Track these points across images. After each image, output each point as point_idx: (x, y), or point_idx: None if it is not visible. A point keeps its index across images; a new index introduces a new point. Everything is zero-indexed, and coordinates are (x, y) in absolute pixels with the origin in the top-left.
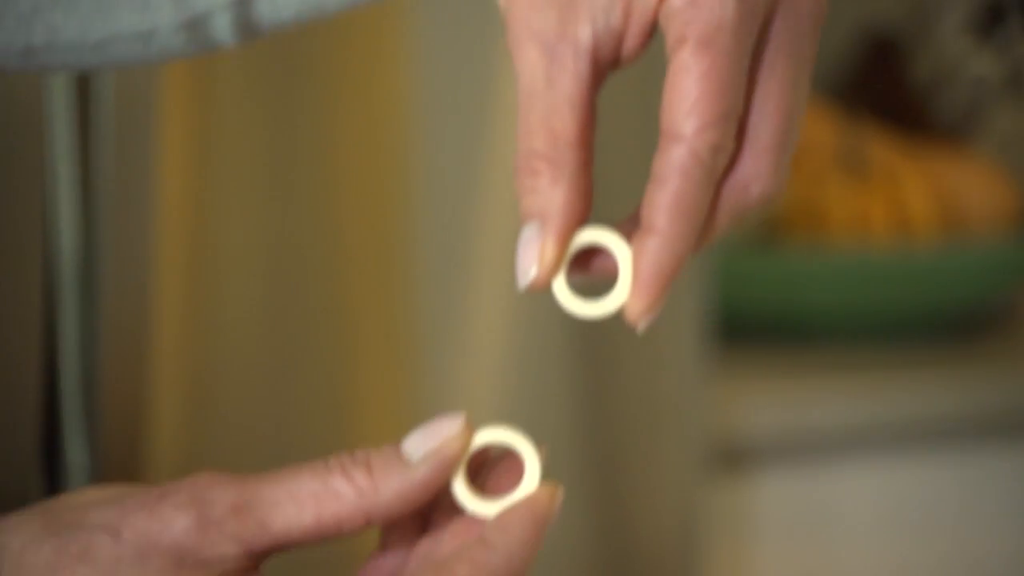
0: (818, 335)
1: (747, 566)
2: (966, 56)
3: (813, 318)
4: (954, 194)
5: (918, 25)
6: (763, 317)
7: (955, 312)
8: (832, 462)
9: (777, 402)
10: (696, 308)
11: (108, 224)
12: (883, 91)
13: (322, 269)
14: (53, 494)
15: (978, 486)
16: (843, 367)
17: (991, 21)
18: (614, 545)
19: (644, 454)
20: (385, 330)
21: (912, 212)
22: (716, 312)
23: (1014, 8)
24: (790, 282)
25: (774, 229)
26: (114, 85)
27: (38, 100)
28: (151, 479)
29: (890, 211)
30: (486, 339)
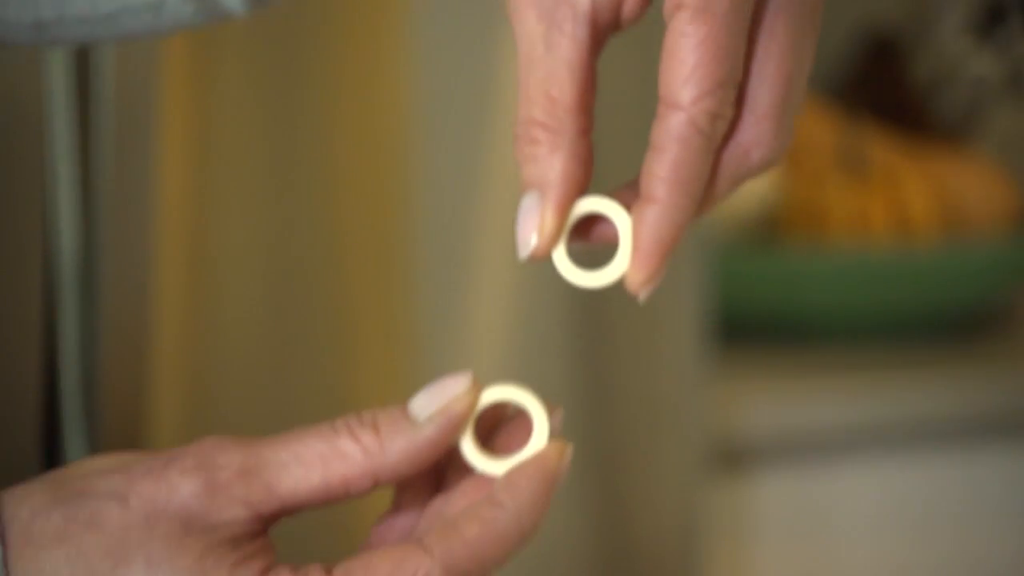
0: (818, 335)
1: (747, 566)
2: (966, 56)
3: (813, 318)
4: (954, 194)
5: (918, 25)
6: (763, 317)
7: (955, 312)
8: (832, 462)
9: (777, 402)
10: (696, 308)
11: (108, 224)
12: (883, 91)
13: (322, 268)
14: None
15: (978, 486)
16: (843, 367)
17: (991, 21)
18: (614, 545)
19: (644, 454)
20: (385, 329)
21: (912, 212)
22: (716, 312)
23: (1014, 8)
24: (790, 282)
25: (774, 229)
26: (114, 85)
27: (38, 100)
28: None
29: (890, 211)
30: (485, 338)
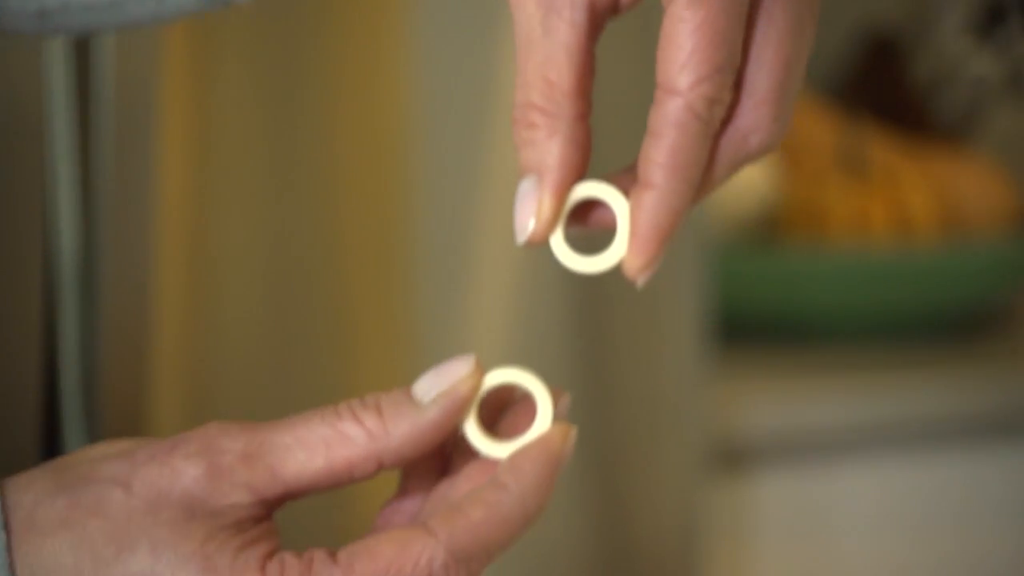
0: (818, 335)
1: (747, 566)
2: (966, 56)
3: (813, 318)
4: (954, 194)
5: (918, 25)
6: (763, 317)
7: (955, 312)
8: (832, 462)
9: (777, 402)
10: (696, 308)
11: (108, 224)
12: (883, 91)
13: (322, 268)
14: None
15: (978, 486)
16: (843, 367)
17: (991, 21)
18: (614, 545)
19: (644, 454)
20: (385, 330)
21: (912, 212)
22: (716, 312)
23: (1014, 8)
24: (790, 282)
25: (774, 229)
26: (114, 85)
27: (38, 100)
28: None
29: (890, 211)
30: (485, 338)
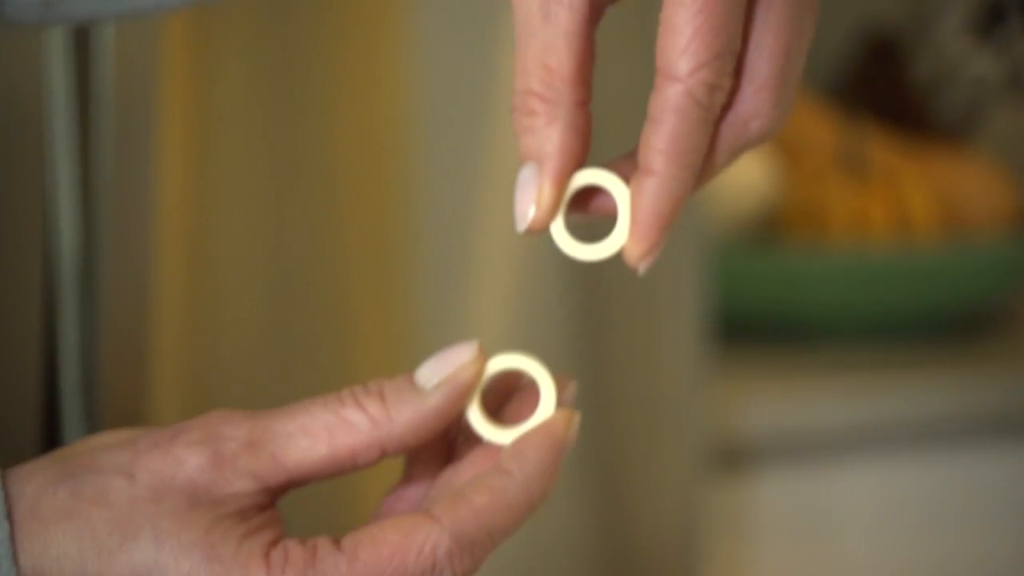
0: (818, 335)
1: (747, 566)
2: (966, 56)
3: (813, 318)
4: (954, 194)
5: (918, 25)
6: (763, 317)
7: (955, 312)
8: (832, 462)
9: (777, 402)
10: (696, 308)
11: (108, 224)
12: (883, 91)
13: (322, 269)
14: None
15: (978, 486)
16: (843, 367)
17: (991, 21)
18: (614, 545)
19: (644, 454)
20: (385, 330)
21: (912, 212)
22: (716, 312)
23: (1014, 8)
24: (790, 282)
25: (774, 229)
26: (114, 85)
27: (38, 100)
28: None
29: (890, 211)
30: (485, 338)
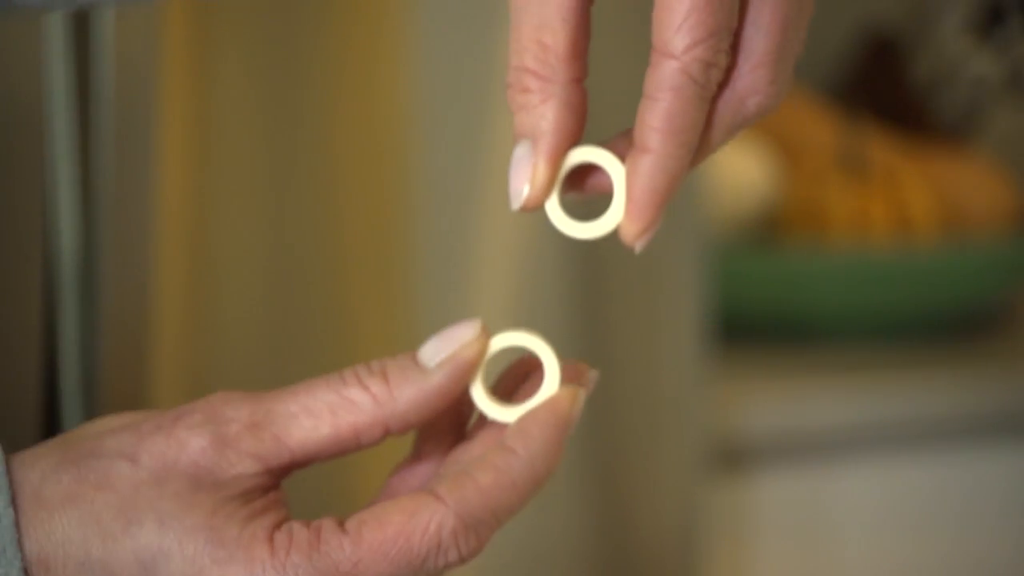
0: (818, 335)
1: (747, 566)
2: (966, 56)
3: (813, 318)
4: (954, 194)
5: (918, 25)
6: (763, 317)
7: (955, 312)
8: (832, 462)
9: (777, 402)
10: (696, 308)
11: (108, 224)
12: (883, 91)
13: (322, 269)
14: None
15: (978, 486)
16: (843, 367)
17: (991, 21)
18: (614, 545)
19: (644, 454)
20: (385, 329)
21: (912, 212)
22: (716, 312)
23: (1014, 8)
24: (790, 282)
25: (774, 229)
26: (114, 85)
27: (38, 100)
28: None
29: (890, 211)
30: None
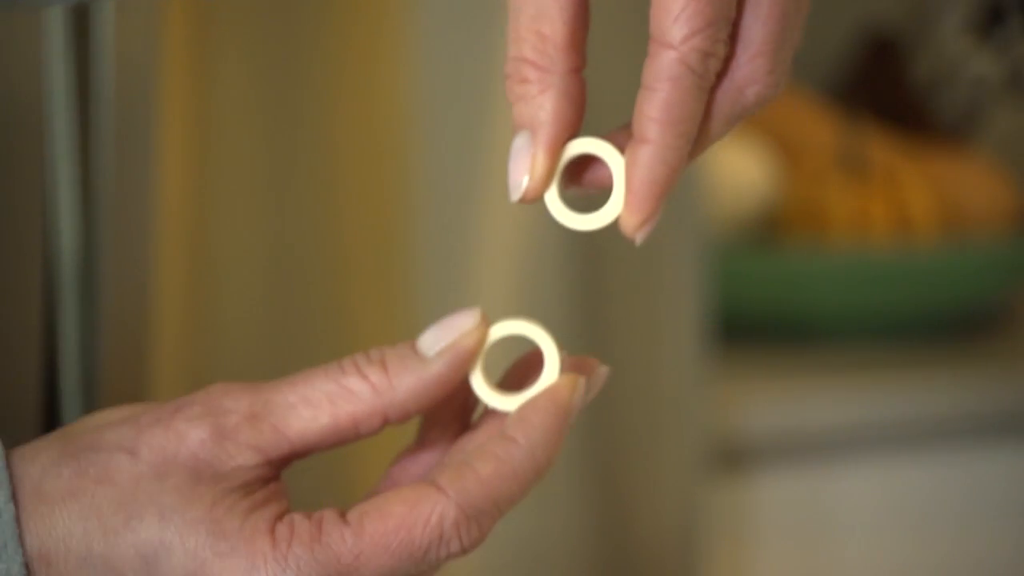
0: (818, 335)
1: (747, 566)
2: (966, 56)
3: (813, 318)
4: (954, 194)
5: (918, 25)
6: (763, 317)
7: (955, 312)
8: (832, 462)
9: (777, 402)
10: (696, 308)
11: (108, 224)
12: (883, 91)
13: (322, 269)
14: None
15: (978, 486)
16: (843, 367)
17: (991, 21)
18: (614, 545)
19: (644, 454)
20: (385, 330)
21: (912, 212)
22: (716, 312)
23: (1014, 8)
24: (790, 282)
25: (774, 229)
26: (114, 85)
27: (38, 100)
28: None
29: (890, 211)
30: None
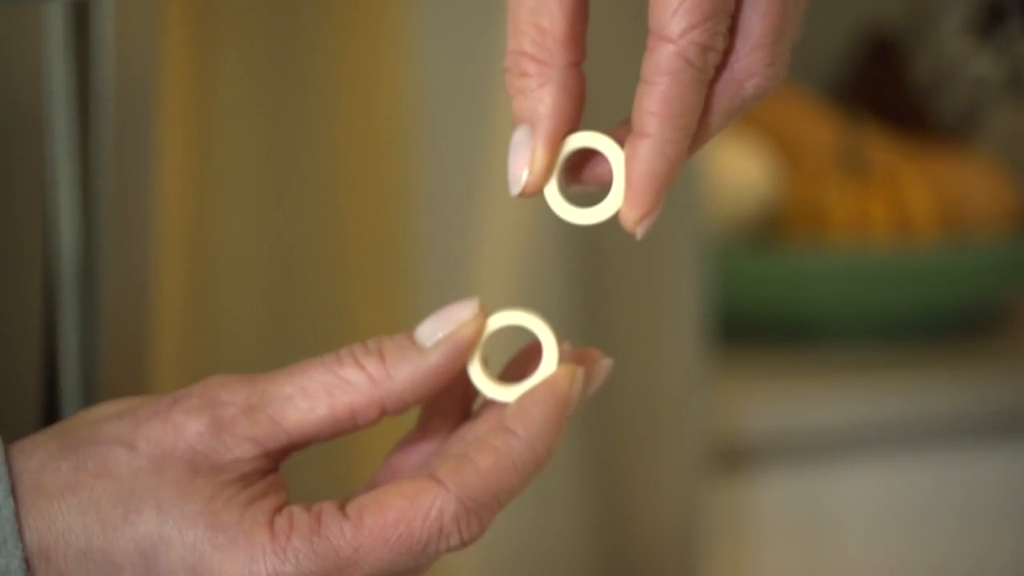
0: (818, 335)
1: (747, 566)
2: (966, 56)
3: (813, 318)
4: (954, 194)
5: (918, 25)
6: (763, 317)
7: (955, 312)
8: (832, 462)
9: (777, 402)
10: (696, 308)
11: (108, 224)
12: (883, 91)
13: (322, 269)
14: None
15: (978, 486)
16: (843, 367)
17: (991, 21)
18: (614, 545)
19: (644, 454)
20: (385, 330)
21: (912, 212)
22: (716, 312)
23: (1014, 8)
24: (790, 282)
25: (774, 229)
26: (114, 85)
27: (38, 100)
28: None
29: (890, 211)
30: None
